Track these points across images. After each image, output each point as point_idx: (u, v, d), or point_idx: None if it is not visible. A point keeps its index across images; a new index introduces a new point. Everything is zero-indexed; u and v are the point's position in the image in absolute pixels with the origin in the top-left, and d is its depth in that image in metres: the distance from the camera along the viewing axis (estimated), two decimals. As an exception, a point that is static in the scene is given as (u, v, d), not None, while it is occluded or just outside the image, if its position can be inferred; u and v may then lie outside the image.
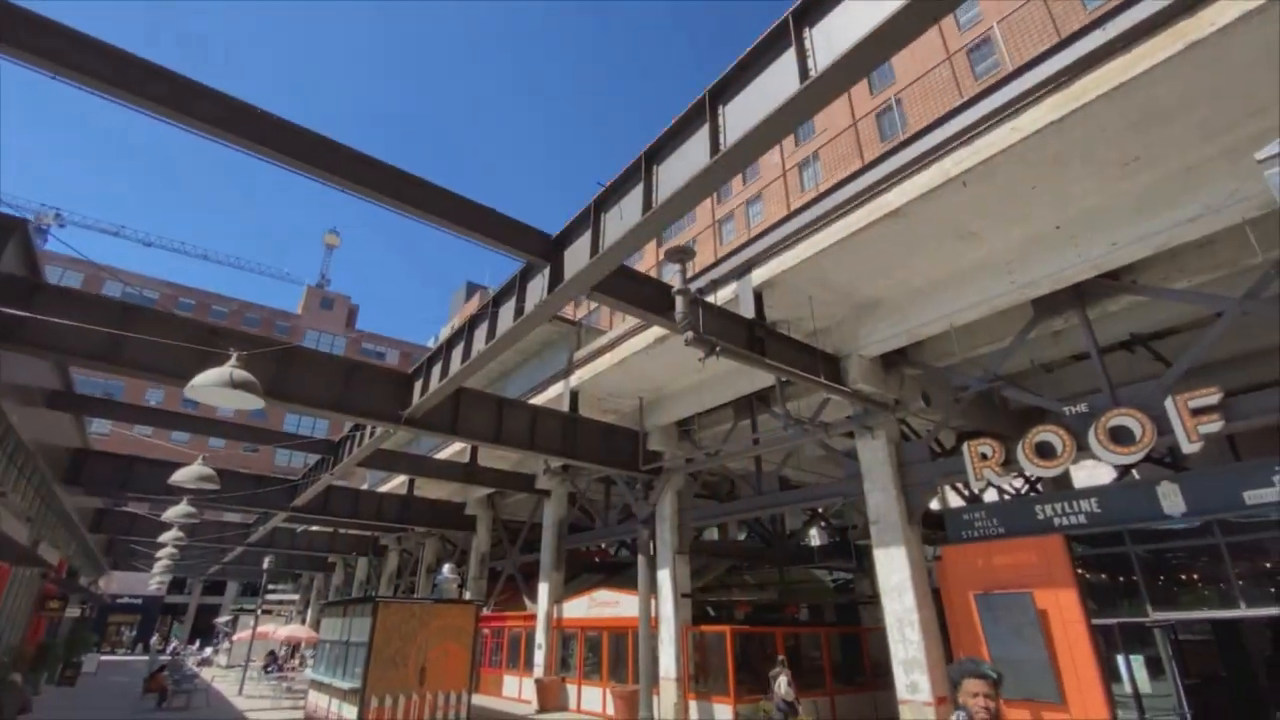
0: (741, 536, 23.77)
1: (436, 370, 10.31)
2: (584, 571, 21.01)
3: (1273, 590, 7.40)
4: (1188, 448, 7.35)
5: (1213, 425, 7.20)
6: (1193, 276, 8.22)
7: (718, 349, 7.66)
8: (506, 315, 8.27)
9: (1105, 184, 7.60)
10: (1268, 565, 7.66)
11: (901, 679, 9.17)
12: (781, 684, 11.20)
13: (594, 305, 18.00)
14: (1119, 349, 11.15)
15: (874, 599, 14.73)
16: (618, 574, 19.04)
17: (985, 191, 7.71)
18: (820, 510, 19.16)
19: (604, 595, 16.45)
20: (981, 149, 7.13)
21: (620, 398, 14.84)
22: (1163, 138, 6.92)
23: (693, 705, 12.87)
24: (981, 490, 9.84)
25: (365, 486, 28.90)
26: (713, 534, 24.15)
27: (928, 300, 9.76)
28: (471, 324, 9.32)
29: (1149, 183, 7.49)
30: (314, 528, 32.67)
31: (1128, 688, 7.81)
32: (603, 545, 24.68)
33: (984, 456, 9.07)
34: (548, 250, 7.38)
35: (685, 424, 14.70)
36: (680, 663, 13.24)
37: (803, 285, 9.90)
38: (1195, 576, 8.31)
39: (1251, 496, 7.26)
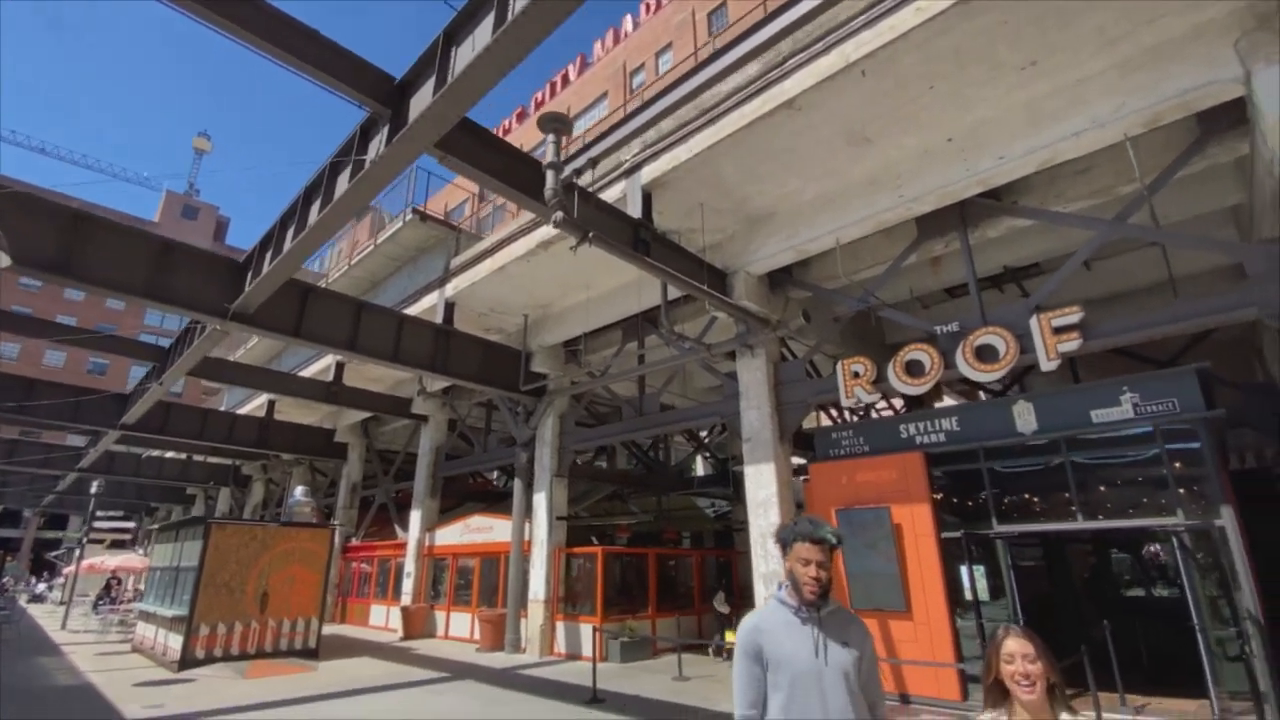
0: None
1: (270, 257, 8.82)
2: (468, 501, 20.16)
3: (1107, 505, 7.82)
4: (1046, 365, 7.46)
5: (1071, 344, 7.31)
6: (1069, 203, 8.27)
7: (590, 236, 6.83)
8: (345, 181, 6.98)
9: (1000, 93, 7.34)
10: (1102, 488, 8.07)
11: (761, 592, 9.17)
12: (720, 598, 12.96)
13: (485, 213, 16.57)
14: (991, 288, 11.44)
15: (746, 525, 15.02)
16: (501, 502, 18.37)
17: (883, 87, 7.24)
18: (705, 441, 19.29)
19: (479, 521, 15.73)
20: (884, 31, 6.58)
21: (504, 314, 13.79)
22: (1061, 41, 6.66)
23: (560, 626, 12.59)
24: (852, 409, 9.86)
25: (224, 408, 26.21)
26: (603, 464, 23.95)
27: (818, 215, 9.40)
28: (307, 196, 7.91)
29: (1041, 94, 7.30)
30: (166, 454, 29.54)
31: (969, 596, 8.11)
32: (491, 479, 23.87)
33: (856, 375, 8.97)
34: (390, 97, 6.17)
35: (572, 345, 13.92)
36: (550, 585, 12.86)
37: (695, 188, 9.22)
38: (1037, 496, 8.68)
39: (1099, 415, 7.51)
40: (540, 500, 13.58)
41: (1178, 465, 7.17)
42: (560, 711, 7.93)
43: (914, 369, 8.48)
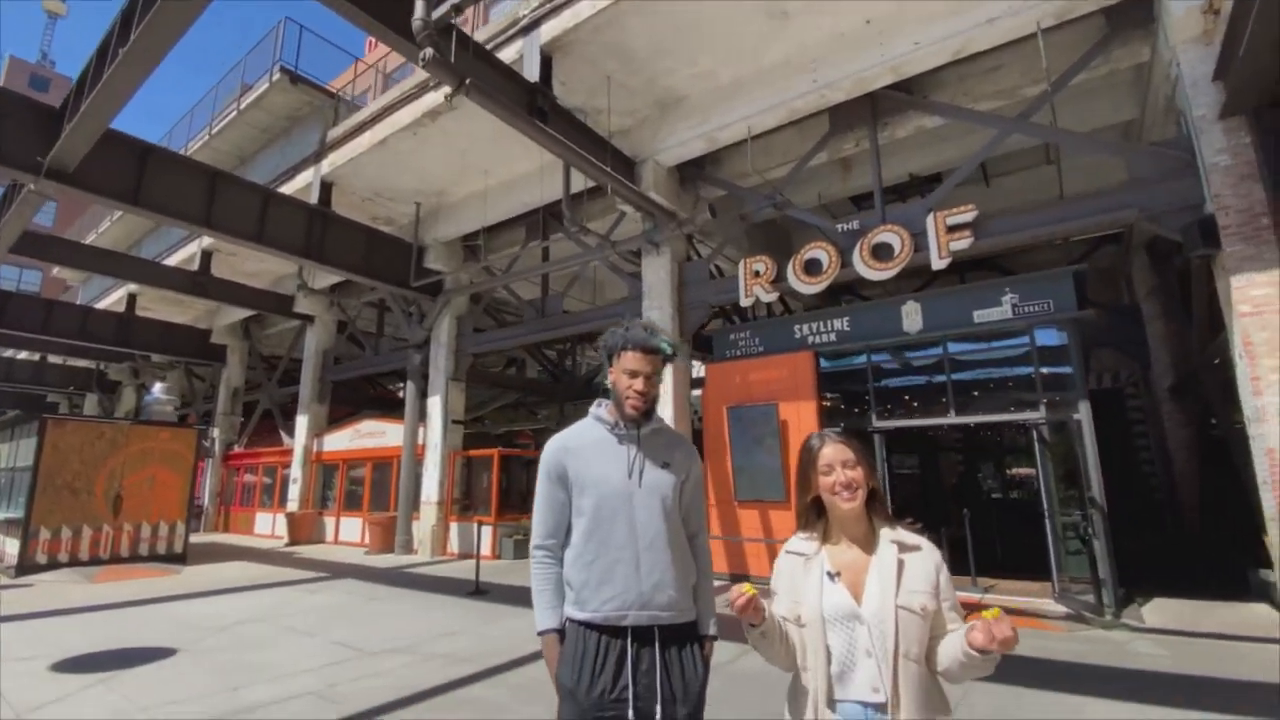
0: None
1: (87, 97, 7.33)
2: (365, 408, 19.13)
3: (979, 403, 8.14)
4: (937, 264, 7.47)
5: (963, 242, 7.32)
6: (977, 101, 8.12)
7: (467, 83, 5.98)
8: (162, -7, 5.70)
9: (920, -32, 6.89)
10: (975, 393, 8.38)
11: (651, 488, 9.15)
12: None
13: (364, 89, 14.86)
14: (895, 200, 11.43)
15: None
16: (401, 410, 17.53)
17: (802, -54, 6.61)
18: (614, 352, 19.04)
19: (370, 426, 14.95)
20: None
21: (392, 201, 12.55)
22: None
23: (454, 527, 12.34)
24: (749, 309, 9.76)
25: (80, 301, 23.29)
26: (512, 373, 23.35)
27: (731, 100, 8.84)
28: (125, 22, 6.50)
29: (961, -27, 6.92)
30: (18, 354, 26.19)
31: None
32: (393, 389, 22.77)
33: (756, 273, 8.76)
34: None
35: (471, 241, 12.97)
36: (444, 487, 12.48)
37: (601, 56, 8.37)
38: (916, 397, 8.97)
39: (980, 315, 7.68)
40: (435, 404, 12.95)
41: (1045, 363, 7.49)
42: (436, 603, 7.71)
43: (812, 267, 8.34)
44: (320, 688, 4.49)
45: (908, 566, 1.51)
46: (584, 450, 1.87)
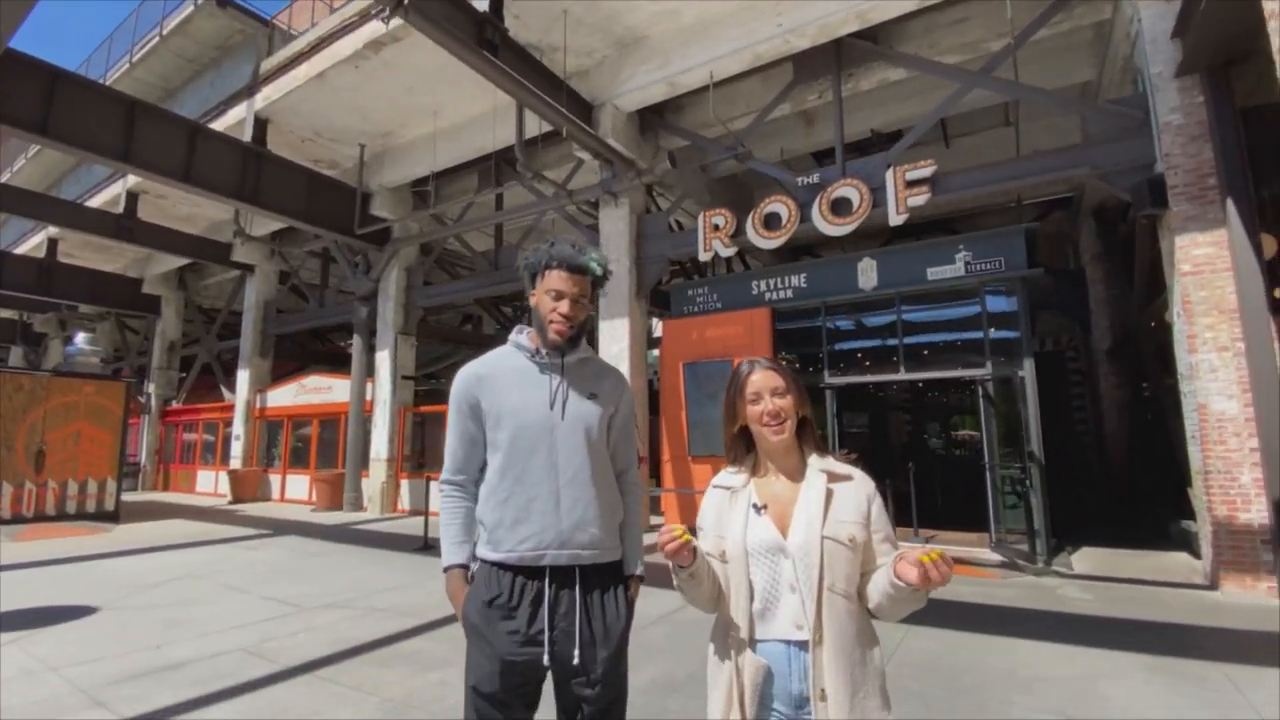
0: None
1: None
2: (311, 363, 18.41)
3: (928, 360, 8.24)
4: (895, 219, 7.43)
5: (920, 198, 7.28)
6: (942, 54, 7.97)
7: (406, 3, 5.51)
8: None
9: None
10: (925, 352, 8.47)
11: (605, 443, 9.08)
12: None
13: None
14: (856, 156, 11.31)
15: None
16: (348, 365, 16.92)
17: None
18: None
19: (316, 381, 14.42)
20: None
21: (334, 142, 11.81)
22: None
23: (404, 484, 12.09)
24: (707, 266, 9.61)
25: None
26: (468, 329, 22.79)
27: (693, 42, 8.48)
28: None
29: (930, -87, 6.67)
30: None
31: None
32: (341, 345, 21.95)
33: (716, 227, 8.59)
34: None
35: (420, 187, 12.35)
36: (394, 444, 12.17)
37: (555, -10, 7.87)
38: (868, 356, 9.03)
39: (934, 273, 7.70)
40: (383, 358, 12.51)
41: (994, 323, 7.59)
42: (382, 559, 7.53)
43: (771, 222, 8.20)
44: (252, 644, 4.30)
45: (837, 496, 1.40)
46: (499, 379, 1.68)
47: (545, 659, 1.51)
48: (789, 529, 1.39)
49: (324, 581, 6.23)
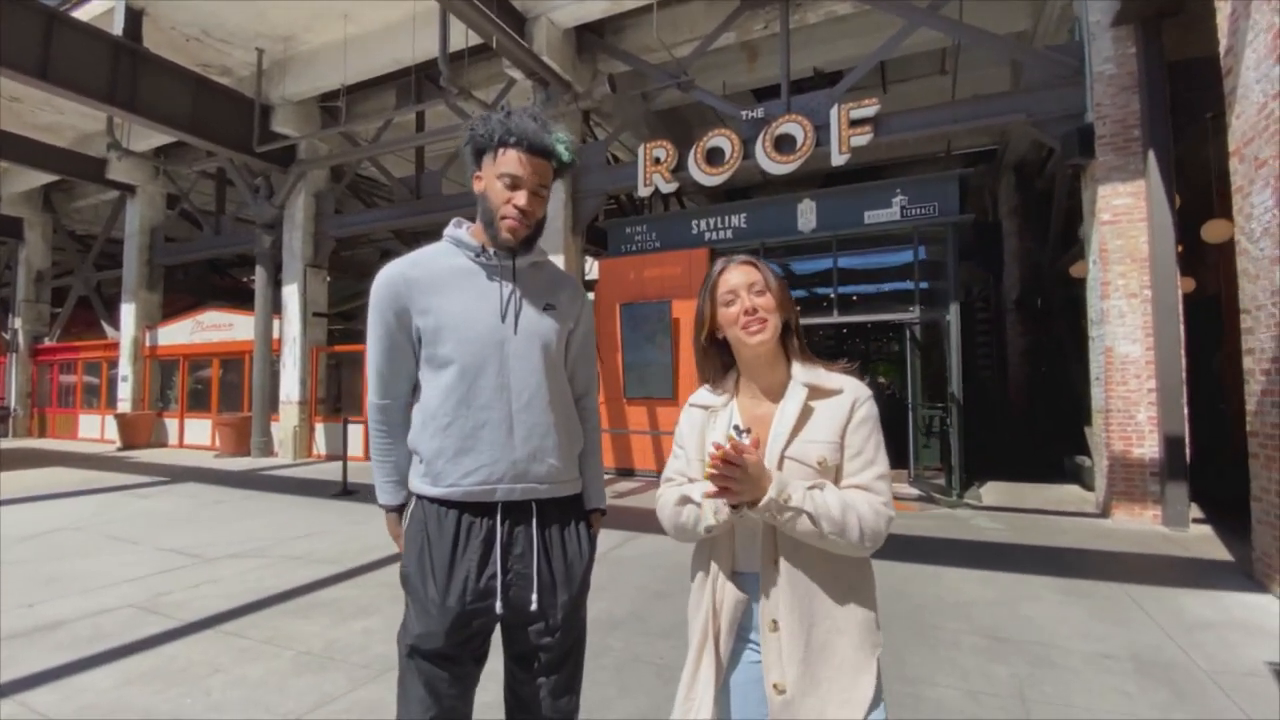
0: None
1: None
2: (209, 298, 16.81)
3: (860, 303, 8.37)
4: (837, 159, 7.32)
5: (864, 138, 7.18)
6: (888, -11, 7.73)
7: None
8: None
9: None
10: (854, 298, 8.58)
11: (537, 384, 8.80)
12: None
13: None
14: (798, 93, 11.11)
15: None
16: (250, 301, 15.55)
17: None
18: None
19: (214, 318, 13.19)
20: None
21: (226, 43, 10.36)
22: None
23: (320, 428, 11.39)
24: (644, 203, 9.28)
25: None
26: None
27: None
28: None
29: None
30: None
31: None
32: (244, 279, 20.14)
33: (657, 160, 8.23)
34: None
35: (330, 103, 11.15)
36: (307, 385, 11.37)
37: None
38: (800, 303, 9.08)
39: (871, 216, 7.71)
40: (292, 293, 11.52)
41: (923, 267, 7.75)
42: (296, 505, 7.06)
43: (714, 157, 7.92)
44: (144, 599, 3.86)
45: (816, 413, 1.19)
46: (435, 282, 1.37)
47: (499, 607, 1.29)
48: (765, 450, 1.19)
49: (230, 530, 5.74)
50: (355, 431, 10.36)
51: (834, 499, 1.10)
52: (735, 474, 1.06)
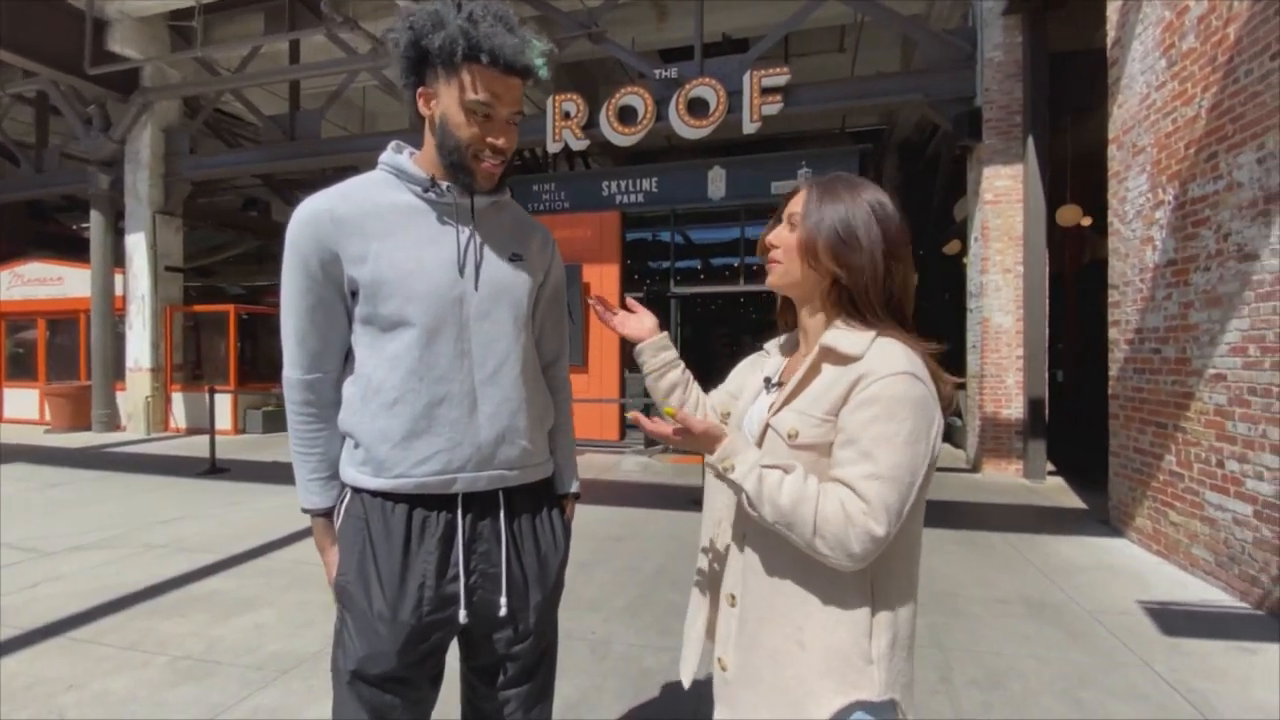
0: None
1: None
2: (32, 248, 14.23)
3: (756, 269, 8.53)
4: (748, 128, 7.31)
5: (774, 107, 7.22)
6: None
7: None
8: None
9: None
10: (754, 267, 8.77)
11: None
12: None
13: None
14: (708, 58, 11.02)
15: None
16: (83, 251, 13.35)
17: None
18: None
19: (38, 270, 11.24)
20: None
21: (42, -62, 8.57)
22: None
23: (178, 398, 10.12)
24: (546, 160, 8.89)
25: None
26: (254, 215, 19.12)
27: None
28: None
29: None
30: None
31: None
32: (75, 227, 17.23)
33: (567, 115, 7.85)
34: None
35: (183, 22, 9.59)
36: (161, 350, 10.02)
37: None
38: (712, 265, 9.17)
39: (777, 187, 7.83)
40: (138, 243, 10.00)
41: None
42: (156, 486, 6.21)
43: (627, 115, 7.66)
44: (-40, 605, 3.20)
45: (818, 380, 0.96)
46: (373, 223, 1.08)
47: (462, 616, 1.08)
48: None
49: (74, 517, 4.94)
50: (223, 402, 9.31)
51: (790, 488, 0.88)
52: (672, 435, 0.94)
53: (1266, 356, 2.94)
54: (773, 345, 1.18)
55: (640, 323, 1.25)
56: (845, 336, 0.95)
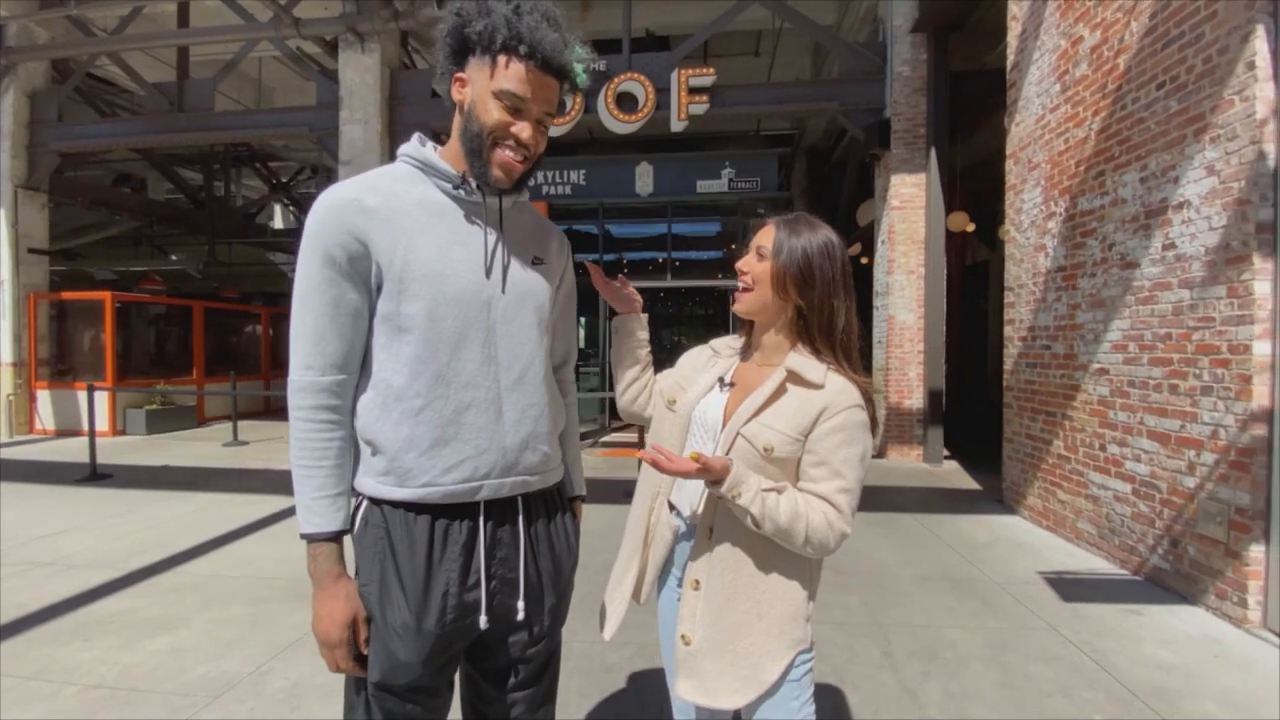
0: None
1: None
2: None
3: (691, 269, 8.73)
4: (675, 125, 7.43)
5: (701, 106, 7.37)
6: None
7: None
8: None
9: None
10: (678, 263, 8.95)
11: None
12: None
13: None
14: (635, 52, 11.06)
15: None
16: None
17: None
18: (287, 184, 15.35)
19: None
20: None
21: None
22: None
23: (45, 396, 9.00)
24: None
25: None
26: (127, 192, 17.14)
27: None
28: None
29: None
30: None
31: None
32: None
33: (493, 102, 7.61)
34: None
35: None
36: (24, 342, 8.86)
37: None
38: (635, 264, 9.25)
39: (703, 185, 8.01)
40: (-7, 221, 8.78)
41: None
42: (29, 495, 5.50)
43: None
44: None
45: (784, 400, 1.13)
46: (402, 219, 1.04)
47: (482, 621, 1.07)
48: (731, 414, 1.19)
49: (-79, 536, 4.30)
50: (99, 400, 8.38)
51: (786, 507, 1.06)
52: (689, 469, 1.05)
53: (1144, 353, 3.37)
54: (721, 345, 1.33)
55: (634, 296, 1.41)
56: (806, 364, 1.14)
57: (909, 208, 7.26)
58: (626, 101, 7.45)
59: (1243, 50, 2.76)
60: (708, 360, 1.31)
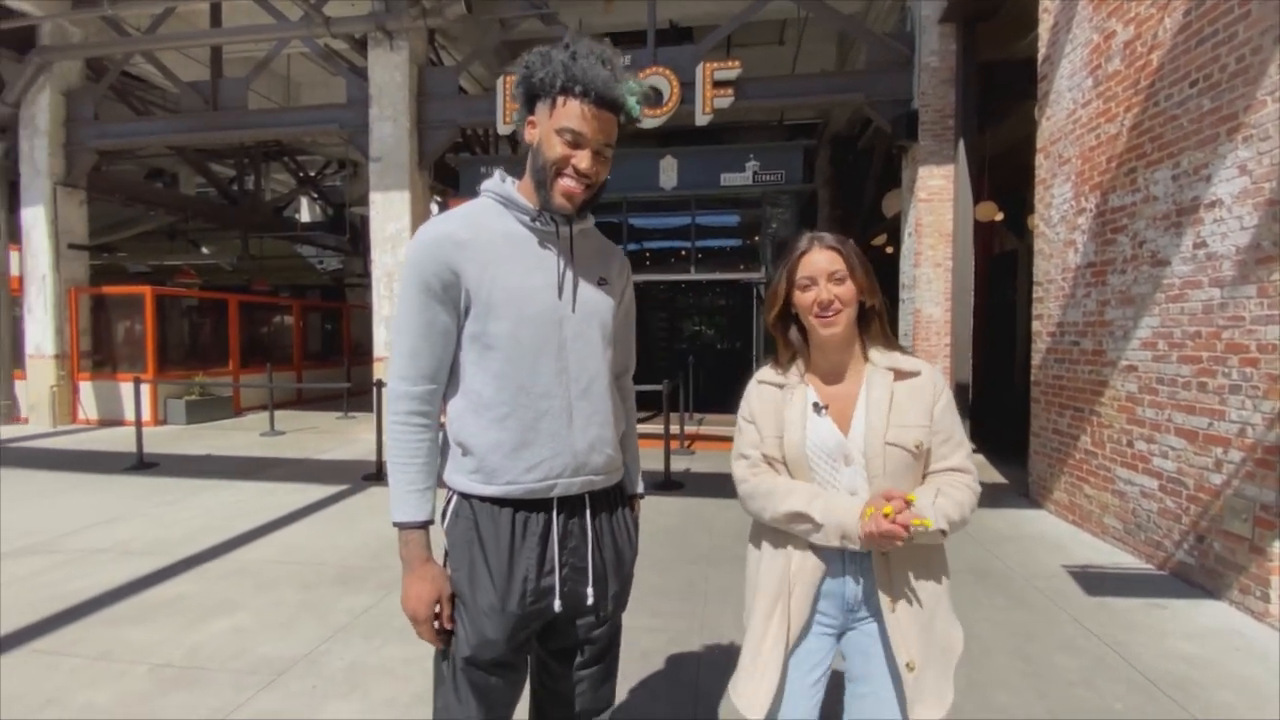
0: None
1: None
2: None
3: (713, 261, 8.78)
4: (700, 119, 7.44)
5: (726, 100, 7.38)
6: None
7: None
8: None
9: None
10: (697, 253, 8.98)
11: (381, 335, 8.04)
12: None
13: None
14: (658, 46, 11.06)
15: (365, 278, 13.20)
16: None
17: None
18: (314, 178, 15.61)
19: (-92, 244, 9.99)
20: None
21: None
22: None
23: (88, 387, 9.35)
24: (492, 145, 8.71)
25: None
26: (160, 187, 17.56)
27: None
28: None
29: None
30: None
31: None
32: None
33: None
34: None
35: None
36: (66, 335, 9.21)
37: None
38: (656, 256, 9.32)
39: (726, 179, 8.03)
40: (36, 218, 9.10)
41: (773, 227, 8.34)
42: (79, 484, 5.78)
43: (578, 101, 7.62)
44: (-116, 622, 2.95)
45: (902, 396, 1.24)
46: (488, 250, 1.18)
47: (556, 604, 1.21)
48: (849, 431, 1.25)
49: (-11, 521, 4.56)
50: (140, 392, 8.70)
51: (953, 506, 1.17)
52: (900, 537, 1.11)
53: (1174, 350, 3.38)
54: (777, 377, 1.35)
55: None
56: (894, 357, 1.28)
57: (936, 200, 7.22)
58: (651, 95, 7.48)
59: (1275, 51, 2.75)
60: (780, 396, 1.31)
